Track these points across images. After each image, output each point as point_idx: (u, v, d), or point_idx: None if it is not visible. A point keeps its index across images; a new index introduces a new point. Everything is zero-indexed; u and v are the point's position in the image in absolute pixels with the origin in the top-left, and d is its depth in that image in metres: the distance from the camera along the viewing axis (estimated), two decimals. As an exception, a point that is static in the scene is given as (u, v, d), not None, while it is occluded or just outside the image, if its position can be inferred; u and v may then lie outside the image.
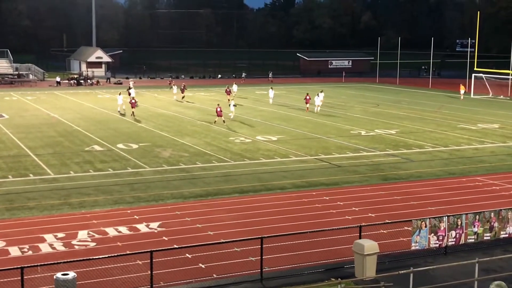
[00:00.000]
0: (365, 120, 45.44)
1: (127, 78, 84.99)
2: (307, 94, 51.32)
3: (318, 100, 50.00)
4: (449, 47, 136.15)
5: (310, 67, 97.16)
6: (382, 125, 42.54)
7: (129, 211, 21.38)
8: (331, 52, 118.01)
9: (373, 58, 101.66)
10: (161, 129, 40.03)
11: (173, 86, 61.19)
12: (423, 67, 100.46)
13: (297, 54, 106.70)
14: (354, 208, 22.07)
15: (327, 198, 23.46)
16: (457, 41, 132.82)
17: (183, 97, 57.98)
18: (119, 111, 48.52)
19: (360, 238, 16.44)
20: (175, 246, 17.02)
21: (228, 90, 58.64)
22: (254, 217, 20.83)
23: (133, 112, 46.40)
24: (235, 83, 64.27)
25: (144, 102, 56.75)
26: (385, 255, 16.75)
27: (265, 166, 28.96)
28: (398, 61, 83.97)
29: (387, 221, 19.56)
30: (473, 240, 17.79)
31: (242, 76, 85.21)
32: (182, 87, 58.98)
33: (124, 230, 19.35)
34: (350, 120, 45.05)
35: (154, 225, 19.84)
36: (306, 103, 50.32)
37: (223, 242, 16.91)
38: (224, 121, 42.06)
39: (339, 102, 56.25)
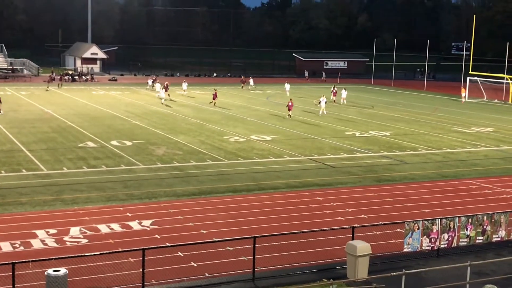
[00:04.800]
0: (360, 121, 45.50)
1: (122, 75, 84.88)
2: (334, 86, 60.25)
3: (344, 94, 56.74)
4: (445, 50, 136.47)
5: (306, 68, 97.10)
6: (377, 127, 42.61)
7: (121, 208, 21.33)
8: (327, 52, 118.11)
9: (368, 59, 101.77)
10: (155, 127, 39.96)
11: (156, 84, 60.60)
12: (418, 69, 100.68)
13: (293, 54, 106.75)
14: (347, 209, 22.08)
15: (321, 198, 23.47)
16: (453, 44, 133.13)
17: (169, 95, 56.60)
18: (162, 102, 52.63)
19: (352, 239, 16.45)
20: (168, 244, 16.99)
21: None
22: (247, 217, 20.82)
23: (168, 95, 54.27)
24: (287, 82, 66.93)
25: (139, 99, 56.66)
26: (377, 257, 16.77)
27: (259, 166, 28.95)
28: (394, 63, 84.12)
29: (380, 222, 19.60)
30: (465, 243, 17.83)
31: (305, 75, 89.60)
32: (165, 85, 56.78)
33: (116, 227, 19.30)
34: (344, 121, 45.09)
35: (146, 222, 19.80)
36: (333, 95, 58.20)
37: (215, 241, 16.89)
38: (290, 115, 45.16)
39: (333, 103, 56.29)
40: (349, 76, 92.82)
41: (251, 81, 72.50)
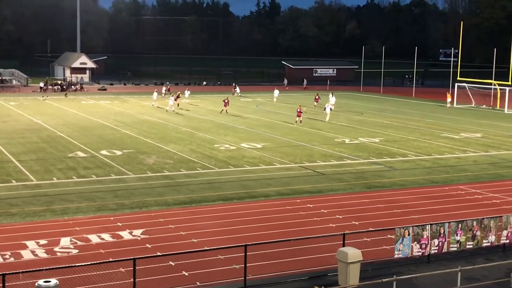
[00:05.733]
0: (349, 128, 45.64)
1: (111, 84, 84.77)
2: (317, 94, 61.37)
3: (333, 99, 57.16)
4: (433, 56, 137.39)
5: (296, 75, 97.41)
6: (366, 134, 42.76)
7: (112, 218, 21.25)
8: (316, 60, 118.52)
9: (357, 66, 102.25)
10: (145, 136, 39.89)
11: (154, 92, 60.59)
12: (406, 76, 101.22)
13: (283, 62, 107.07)
14: (338, 216, 22.12)
15: (311, 205, 23.49)
16: (441, 50, 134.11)
17: (178, 105, 56.42)
18: (173, 110, 53.52)
19: (343, 246, 16.47)
20: (158, 253, 16.95)
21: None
22: (238, 225, 20.81)
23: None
24: (276, 88, 69.00)
25: (128, 108, 56.56)
26: (368, 263, 16.80)
27: (249, 174, 28.95)
28: (382, 70, 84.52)
29: (371, 229, 19.64)
30: (455, 249, 17.89)
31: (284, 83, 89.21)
32: (176, 96, 56.82)
33: (107, 237, 19.23)
34: (334, 128, 45.22)
35: (137, 232, 19.74)
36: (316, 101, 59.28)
37: (206, 250, 16.86)
38: (301, 121, 46.10)
39: (323, 110, 56.44)
40: (339, 83, 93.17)
41: (237, 89, 73.39)
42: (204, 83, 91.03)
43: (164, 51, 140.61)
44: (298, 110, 47.07)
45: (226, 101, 53.70)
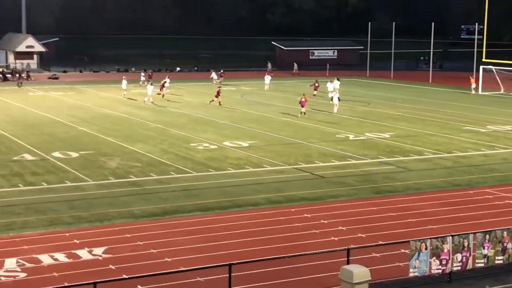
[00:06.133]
0: (354, 121, 45.80)
1: (65, 71, 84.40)
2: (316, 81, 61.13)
3: (332, 87, 57.87)
4: (453, 34, 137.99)
5: (288, 58, 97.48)
6: (374, 128, 42.93)
7: (67, 234, 21.19)
8: (313, 40, 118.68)
9: (362, 47, 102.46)
10: (107, 134, 39.80)
11: (123, 80, 60.71)
12: (422, 58, 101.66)
13: (272, 42, 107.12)
14: (341, 228, 22.19)
15: (309, 215, 23.55)
16: (463, 27, 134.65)
17: (163, 96, 57.09)
18: (152, 102, 53.74)
19: (348, 263, 16.54)
20: (125, 276, 16.93)
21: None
22: (221, 240, 20.82)
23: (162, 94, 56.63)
24: (267, 74, 69.92)
25: (86, 101, 56.40)
26: (378, 284, 16.88)
27: (234, 178, 28.97)
28: (393, 51, 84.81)
29: (380, 242, 19.73)
30: (482, 265, 18.02)
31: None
32: (162, 84, 58.03)
33: (61, 257, 19.16)
34: (335, 122, 45.35)
35: (98, 250, 19.70)
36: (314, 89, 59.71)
37: (183, 271, 16.87)
38: (304, 113, 46.67)
39: (322, 100, 56.60)
40: (340, 68, 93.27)
41: (214, 75, 73.14)
42: (178, 69, 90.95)
43: (128, 31, 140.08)
44: (302, 99, 47.31)
45: (218, 90, 53.84)
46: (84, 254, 19.49)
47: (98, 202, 24.93)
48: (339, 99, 50.08)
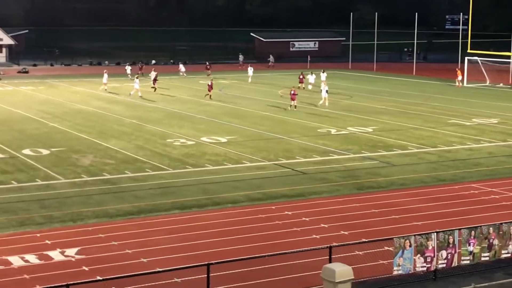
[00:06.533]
0: (336, 115, 45.91)
1: (35, 65, 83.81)
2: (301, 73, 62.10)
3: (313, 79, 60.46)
4: (437, 24, 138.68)
5: (268, 50, 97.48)
6: (356, 122, 43.06)
7: (38, 235, 21.07)
8: (293, 31, 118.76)
9: (344, 38, 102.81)
10: (79, 130, 39.60)
11: (104, 74, 60.49)
12: (405, 49, 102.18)
13: (251, 34, 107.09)
14: (322, 225, 22.25)
15: (290, 213, 23.58)
16: (447, 17, 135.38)
17: (155, 90, 57.45)
18: (140, 96, 54.13)
19: (330, 262, 16.58)
20: (98, 278, 16.85)
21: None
22: (199, 239, 20.80)
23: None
24: (250, 66, 69.75)
25: (57, 95, 56.05)
26: (361, 282, 16.94)
27: (212, 175, 28.94)
28: (375, 42, 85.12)
29: (364, 240, 19.80)
30: (468, 262, 18.13)
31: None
32: (154, 78, 58.81)
33: (32, 258, 19.05)
34: (317, 116, 45.43)
35: (71, 251, 19.60)
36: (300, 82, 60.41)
37: (159, 271, 16.82)
38: (295, 106, 47.02)
39: (303, 93, 56.67)
40: (322, 60, 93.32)
41: (182, 67, 74.01)
42: (153, 61, 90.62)
43: (100, 23, 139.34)
44: (292, 92, 47.58)
45: (210, 84, 53.74)
46: (56, 255, 19.38)
47: (71, 201, 24.80)
48: (327, 92, 50.10)
